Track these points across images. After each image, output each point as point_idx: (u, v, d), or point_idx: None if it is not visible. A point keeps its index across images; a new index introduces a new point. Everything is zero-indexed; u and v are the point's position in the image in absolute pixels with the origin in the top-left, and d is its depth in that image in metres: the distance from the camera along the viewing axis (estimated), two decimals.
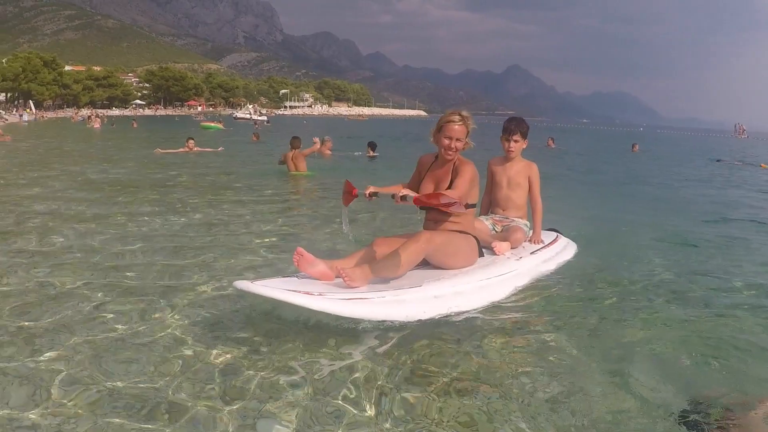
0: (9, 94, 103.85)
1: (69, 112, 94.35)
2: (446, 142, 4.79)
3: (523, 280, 5.13)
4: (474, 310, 4.51)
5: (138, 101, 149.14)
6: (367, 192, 4.64)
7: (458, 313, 4.37)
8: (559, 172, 18.60)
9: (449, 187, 4.75)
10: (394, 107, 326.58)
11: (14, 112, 79.76)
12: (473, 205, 4.89)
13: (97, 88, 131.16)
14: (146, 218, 8.34)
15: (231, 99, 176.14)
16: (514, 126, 5.85)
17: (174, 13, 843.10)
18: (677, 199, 13.64)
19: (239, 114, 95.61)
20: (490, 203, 6.18)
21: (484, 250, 5.29)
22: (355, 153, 22.37)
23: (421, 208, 4.57)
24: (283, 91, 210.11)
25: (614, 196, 13.91)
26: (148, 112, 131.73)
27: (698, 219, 10.41)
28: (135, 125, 50.46)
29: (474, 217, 5.16)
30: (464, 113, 4.85)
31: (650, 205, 12.29)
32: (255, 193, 11.45)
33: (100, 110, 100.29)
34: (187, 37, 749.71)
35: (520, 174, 5.90)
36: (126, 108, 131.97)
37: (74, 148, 22.36)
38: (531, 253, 5.54)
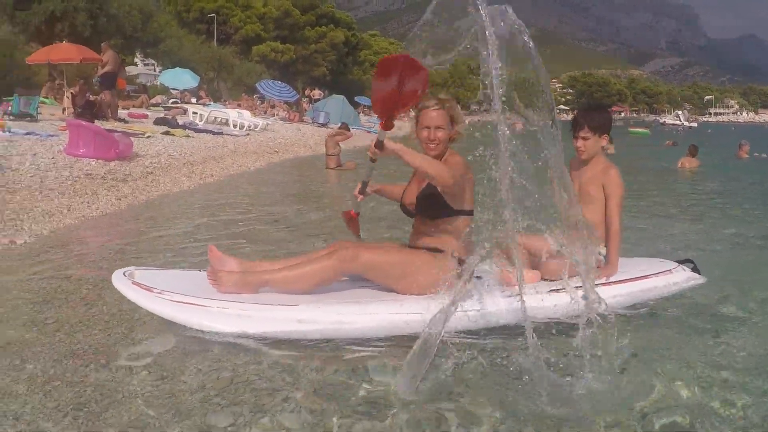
0: None
1: (493, 116, 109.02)
2: (425, 133, 3.84)
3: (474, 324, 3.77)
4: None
5: (562, 106, 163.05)
6: (356, 192, 4.15)
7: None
8: None
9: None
10: None
11: None
12: (466, 212, 3.83)
13: None
14: None
15: (654, 105, 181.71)
16: (581, 118, 4.42)
17: (594, 19, 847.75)
18: None
19: (668, 120, 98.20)
20: None
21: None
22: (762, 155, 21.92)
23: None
24: (708, 97, 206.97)
25: None
26: (570, 117, 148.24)
27: None
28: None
29: (466, 231, 3.88)
30: (442, 96, 3.94)
31: None
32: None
33: None
34: (609, 42, 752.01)
35: (592, 182, 4.38)
36: None
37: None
38: (552, 291, 4.04)
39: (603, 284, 4.15)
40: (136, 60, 47.35)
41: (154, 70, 48.26)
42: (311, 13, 57.06)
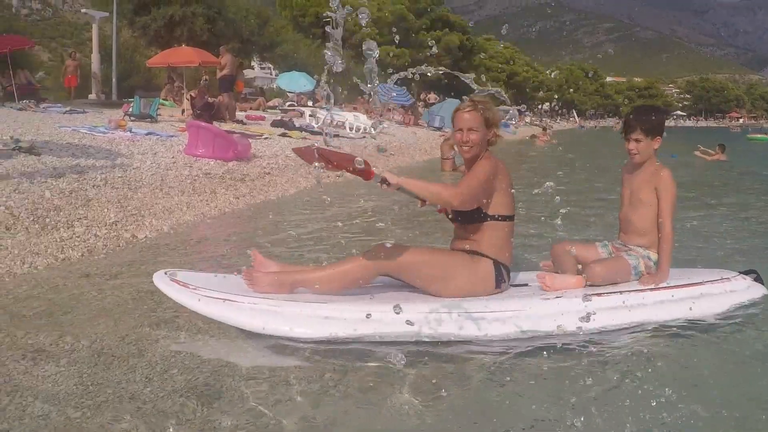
0: (552, 103, 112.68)
1: (610, 122, 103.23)
2: (458, 135, 3.87)
3: (502, 329, 3.62)
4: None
5: (678, 112, 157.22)
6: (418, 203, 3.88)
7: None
8: None
9: None
10: None
11: (558, 120, 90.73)
12: (504, 217, 3.82)
13: (638, 98, 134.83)
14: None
15: None
16: (633, 120, 4.23)
17: (713, 22, 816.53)
18: None
19: None
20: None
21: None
22: None
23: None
24: None
25: None
26: (688, 123, 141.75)
27: None
28: None
29: (507, 236, 3.92)
30: (476, 98, 3.85)
31: None
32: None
33: None
34: (727, 46, 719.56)
35: (644, 186, 4.23)
36: (667, 118, 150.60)
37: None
38: (597, 295, 3.85)
39: (652, 290, 4.05)
40: (253, 63, 48.37)
41: (271, 74, 49.20)
42: (426, 18, 56.88)
